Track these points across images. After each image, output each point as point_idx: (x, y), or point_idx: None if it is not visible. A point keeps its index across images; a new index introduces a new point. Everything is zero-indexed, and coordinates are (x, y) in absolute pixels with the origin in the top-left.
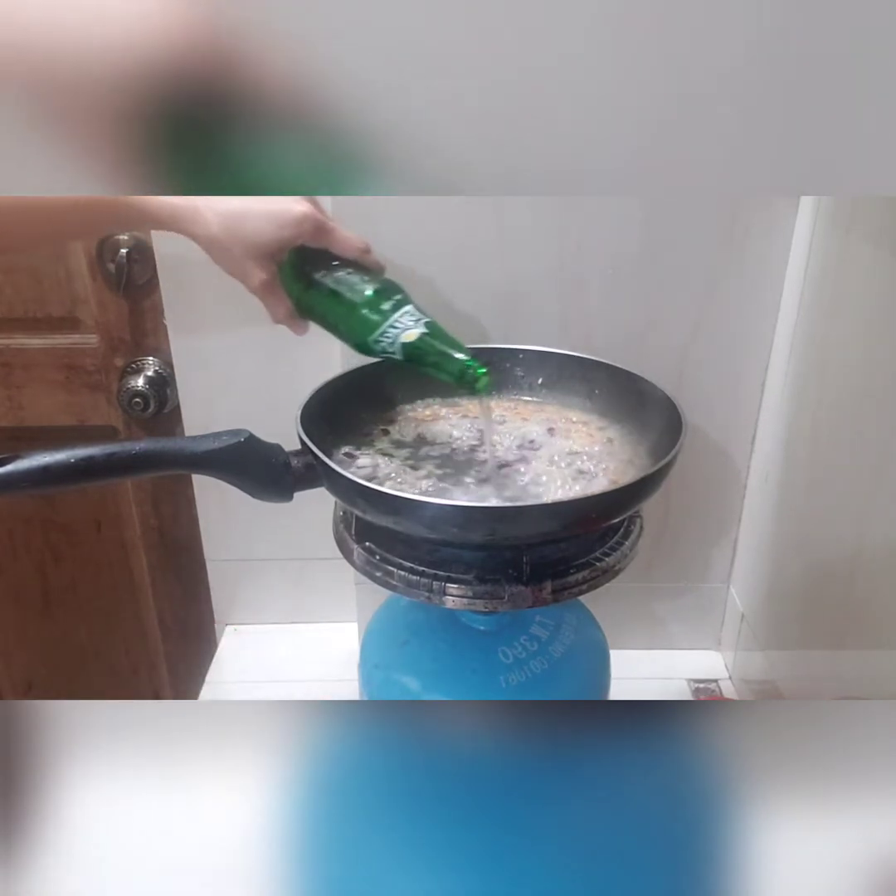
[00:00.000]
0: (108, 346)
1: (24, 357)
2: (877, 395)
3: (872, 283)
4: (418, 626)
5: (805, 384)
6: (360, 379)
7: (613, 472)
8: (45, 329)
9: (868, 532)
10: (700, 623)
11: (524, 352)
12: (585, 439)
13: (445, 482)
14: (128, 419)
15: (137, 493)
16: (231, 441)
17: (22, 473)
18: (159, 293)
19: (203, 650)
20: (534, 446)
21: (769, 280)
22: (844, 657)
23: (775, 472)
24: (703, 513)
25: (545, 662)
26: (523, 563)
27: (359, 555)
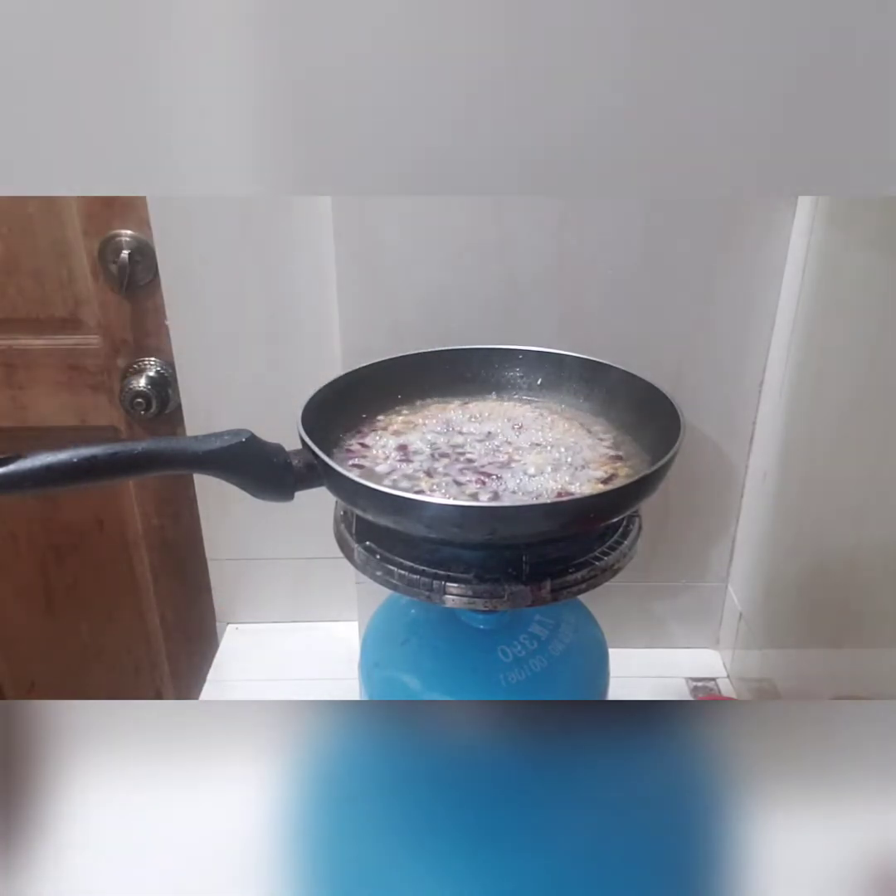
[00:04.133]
0: (110, 347)
1: (27, 358)
2: (874, 395)
3: (870, 284)
4: (418, 624)
5: (803, 384)
6: (361, 379)
7: (611, 471)
8: (47, 330)
9: (866, 531)
10: (698, 622)
11: (524, 352)
12: (584, 439)
13: (446, 481)
14: (129, 419)
15: (139, 493)
16: (232, 441)
17: (24, 473)
18: (161, 294)
19: (204, 649)
20: (533, 446)
21: (767, 280)
22: (842, 656)
23: (773, 472)
24: (702, 512)
25: (544, 661)
26: (523, 562)
27: (359, 554)
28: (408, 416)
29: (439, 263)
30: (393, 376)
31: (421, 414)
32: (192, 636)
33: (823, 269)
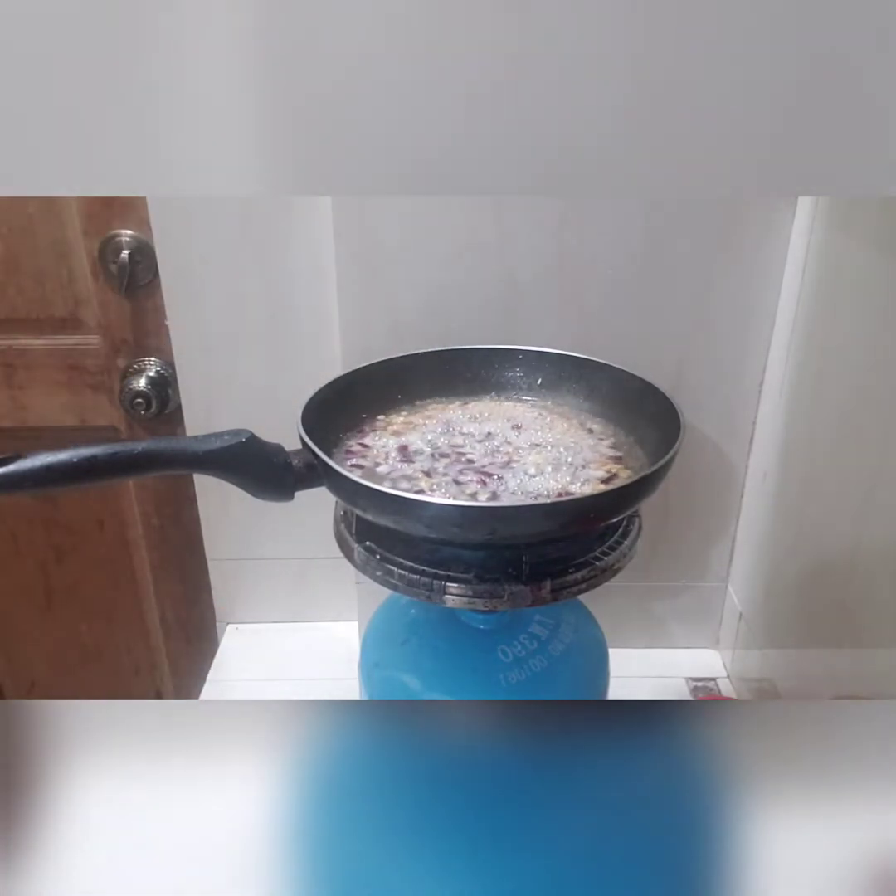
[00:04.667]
0: (110, 347)
1: (27, 358)
2: (874, 395)
3: (870, 284)
4: (418, 624)
5: (803, 384)
6: (362, 379)
7: (611, 471)
8: (47, 330)
9: (866, 531)
10: (698, 622)
11: (524, 352)
12: (584, 439)
13: (446, 481)
14: (129, 419)
15: (139, 493)
16: (232, 441)
17: (24, 473)
18: (161, 294)
19: (204, 649)
20: (532, 446)
21: (767, 280)
22: (842, 656)
23: (773, 472)
24: (702, 512)
25: (544, 661)
26: (523, 562)
27: (359, 554)
28: (408, 416)
29: (439, 263)
30: (393, 376)
31: (421, 414)
32: (192, 636)
33: (823, 269)
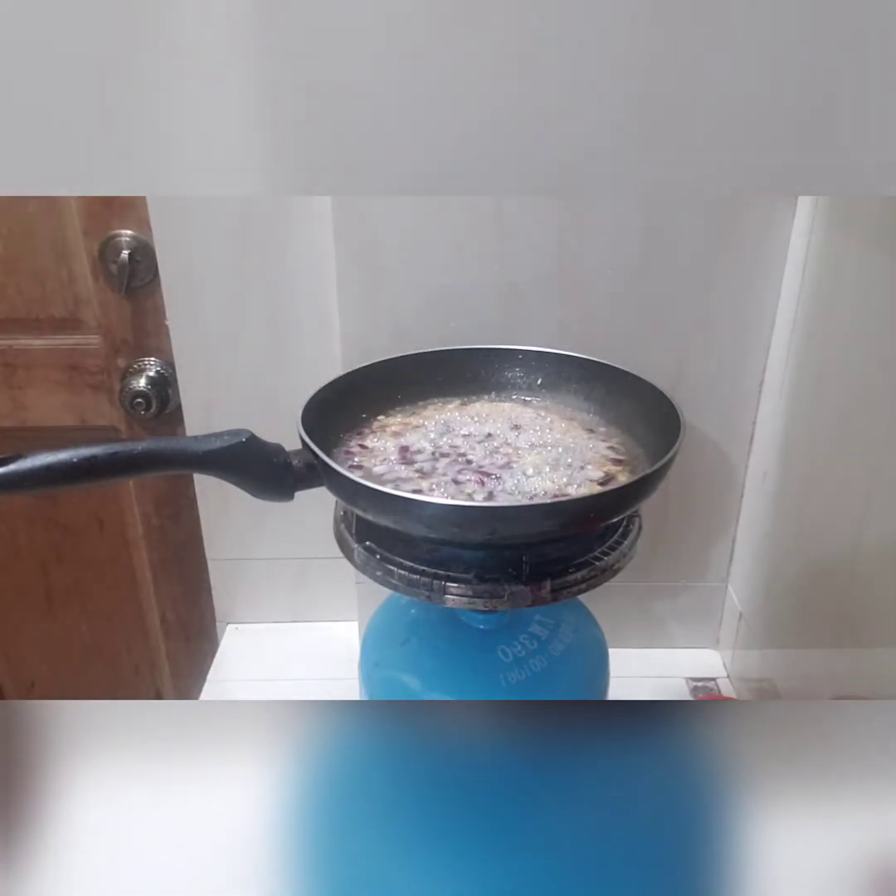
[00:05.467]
0: (109, 347)
1: (27, 358)
2: (874, 395)
3: (870, 284)
4: (418, 624)
5: (803, 384)
6: (362, 379)
7: (611, 472)
8: (47, 330)
9: (866, 531)
10: (698, 622)
11: (523, 352)
12: (584, 439)
13: (445, 481)
14: (129, 419)
15: (139, 493)
16: (232, 441)
17: (24, 473)
18: (161, 294)
19: (204, 649)
20: (532, 446)
21: (767, 280)
22: (842, 656)
23: (773, 472)
24: (702, 512)
25: (544, 661)
26: (523, 562)
27: (359, 554)
28: (408, 416)
29: (439, 263)
30: (393, 376)
31: (421, 414)
32: (191, 636)
33: (823, 269)
